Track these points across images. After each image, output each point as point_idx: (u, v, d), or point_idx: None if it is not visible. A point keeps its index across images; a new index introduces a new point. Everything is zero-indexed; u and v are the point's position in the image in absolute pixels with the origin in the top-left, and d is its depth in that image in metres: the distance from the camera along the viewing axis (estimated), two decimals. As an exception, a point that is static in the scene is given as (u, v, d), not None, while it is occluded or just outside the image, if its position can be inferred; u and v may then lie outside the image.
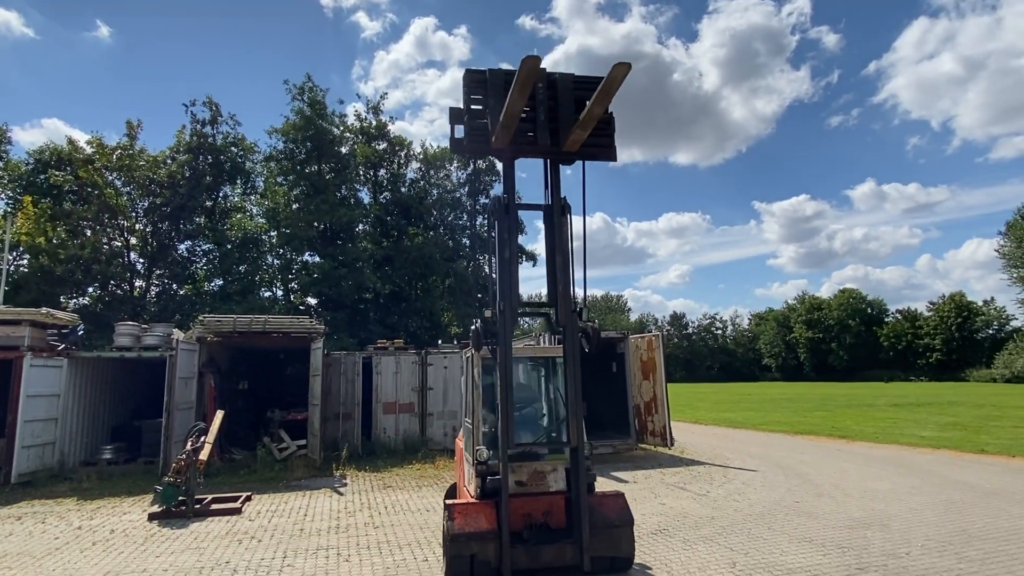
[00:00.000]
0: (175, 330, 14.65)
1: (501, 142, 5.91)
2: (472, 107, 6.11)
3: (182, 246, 27.89)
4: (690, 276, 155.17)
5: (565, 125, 6.00)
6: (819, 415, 25.39)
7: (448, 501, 6.04)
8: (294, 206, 28.26)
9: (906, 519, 8.16)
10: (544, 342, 14.56)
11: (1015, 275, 60.82)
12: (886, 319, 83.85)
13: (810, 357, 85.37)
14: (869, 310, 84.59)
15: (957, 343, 71.80)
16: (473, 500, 5.95)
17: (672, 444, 14.83)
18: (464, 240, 33.72)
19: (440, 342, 18.34)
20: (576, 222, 7.33)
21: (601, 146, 6.23)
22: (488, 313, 6.10)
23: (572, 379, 5.80)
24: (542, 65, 5.67)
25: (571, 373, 5.81)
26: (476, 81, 6.09)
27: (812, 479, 11.21)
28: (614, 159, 6.24)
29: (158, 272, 26.99)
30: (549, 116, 6.06)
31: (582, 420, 5.83)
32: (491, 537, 5.55)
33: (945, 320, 73.59)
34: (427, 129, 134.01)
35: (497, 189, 37.04)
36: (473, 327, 6.03)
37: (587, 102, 5.64)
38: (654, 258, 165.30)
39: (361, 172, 32.02)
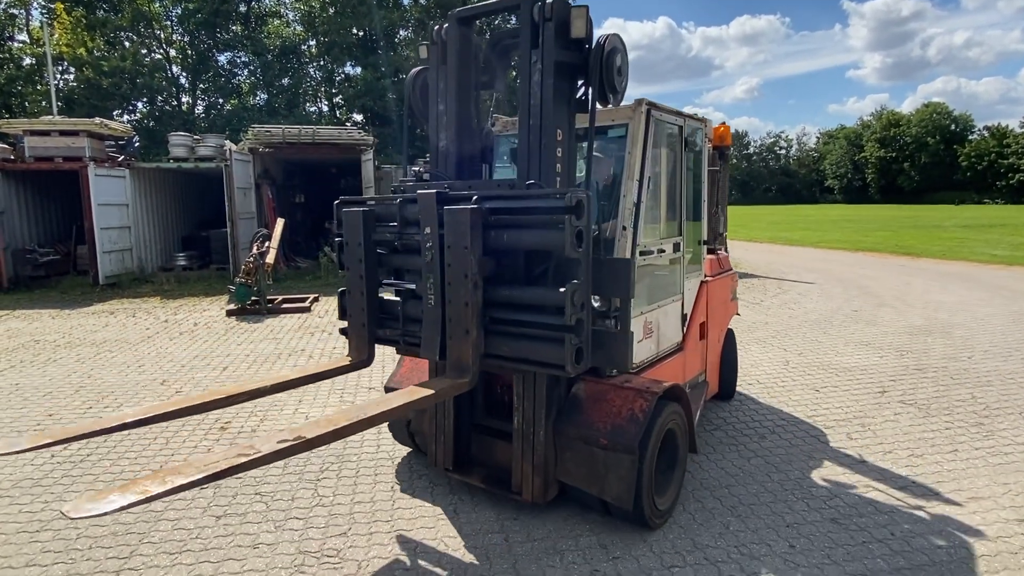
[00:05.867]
0: (227, 141, 14.62)
1: None
2: None
3: (222, 57, 27.04)
4: (759, 91, 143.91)
5: None
6: (882, 234, 24.49)
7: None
8: (330, 11, 26.41)
9: (970, 328, 7.96)
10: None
11: None
12: (970, 137, 76.94)
13: (878, 178, 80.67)
14: (953, 127, 77.53)
15: (1047, 163, 66.18)
16: None
17: (726, 258, 14.66)
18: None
19: (490, 156, 17.75)
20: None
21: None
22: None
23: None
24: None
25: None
26: None
27: (873, 291, 10.98)
28: None
29: (202, 86, 26.55)
30: None
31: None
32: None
33: (1039, 137, 67.13)
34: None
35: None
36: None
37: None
38: (721, 70, 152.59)
39: (399, -32, 29.16)
